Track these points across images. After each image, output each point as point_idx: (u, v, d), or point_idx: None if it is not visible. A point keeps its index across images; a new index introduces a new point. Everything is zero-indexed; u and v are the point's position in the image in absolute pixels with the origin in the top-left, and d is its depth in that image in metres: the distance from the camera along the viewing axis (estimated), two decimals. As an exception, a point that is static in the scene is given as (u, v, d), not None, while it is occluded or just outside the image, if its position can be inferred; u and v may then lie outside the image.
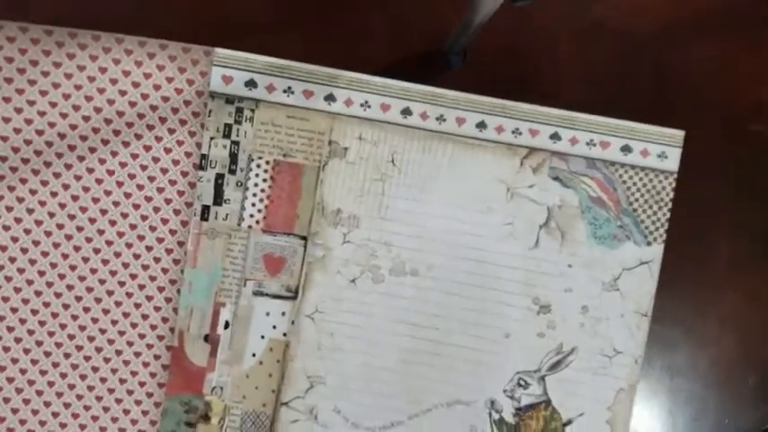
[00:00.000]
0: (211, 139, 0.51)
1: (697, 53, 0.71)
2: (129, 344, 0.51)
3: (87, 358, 0.51)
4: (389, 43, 0.64)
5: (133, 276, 0.51)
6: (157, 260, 0.51)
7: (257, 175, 0.51)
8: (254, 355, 0.52)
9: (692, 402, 0.76)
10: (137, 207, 0.51)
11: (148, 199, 0.51)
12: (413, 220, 0.52)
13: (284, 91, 0.51)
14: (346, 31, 0.64)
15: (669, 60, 0.71)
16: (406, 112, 0.52)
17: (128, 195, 0.51)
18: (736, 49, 0.72)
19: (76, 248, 0.51)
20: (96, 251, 0.51)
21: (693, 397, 0.76)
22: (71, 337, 0.51)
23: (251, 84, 0.51)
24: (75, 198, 0.50)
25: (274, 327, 0.52)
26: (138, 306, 0.51)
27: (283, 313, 0.52)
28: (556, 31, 0.68)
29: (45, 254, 0.51)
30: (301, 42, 0.62)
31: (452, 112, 0.52)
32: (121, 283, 0.51)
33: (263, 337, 0.52)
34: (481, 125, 0.52)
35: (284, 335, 0.52)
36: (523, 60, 0.67)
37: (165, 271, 0.51)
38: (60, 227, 0.50)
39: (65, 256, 0.51)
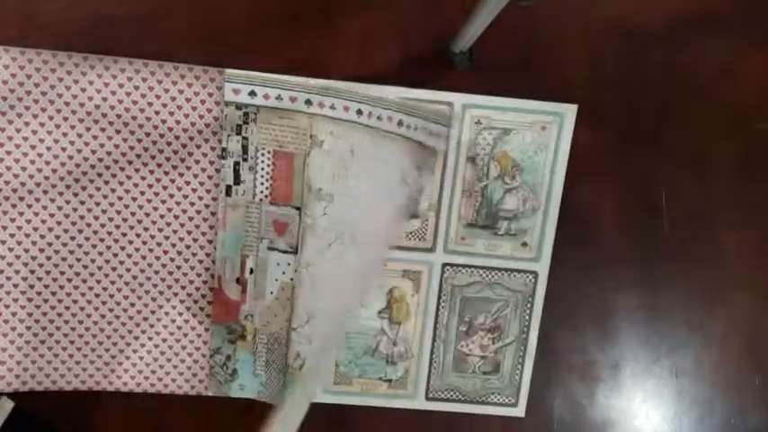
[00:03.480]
0: (228, 135, 0.69)
1: (704, 52, 0.70)
2: (183, 287, 0.72)
3: (154, 299, 0.72)
4: (395, 44, 0.68)
5: (181, 239, 0.71)
6: (197, 227, 0.71)
7: (263, 162, 0.69)
8: (271, 293, 0.71)
9: (698, 403, 0.77)
10: (179, 189, 0.70)
11: (187, 183, 0.70)
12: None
13: (276, 98, 0.68)
14: (351, 32, 0.67)
15: (676, 59, 0.70)
16: (359, 112, 0.68)
17: (172, 181, 0.70)
18: (744, 49, 0.71)
19: (145, 228, 0.70)
20: (153, 222, 0.70)
21: (700, 397, 0.77)
22: (141, 285, 0.72)
23: (252, 94, 0.67)
24: (142, 193, 0.70)
25: (283, 273, 0.71)
26: (187, 260, 0.71)
27: (288, 264, 0.71)
28: (562, 30, 0.69)
29: (128, 231, 0.71)
30: (305, 43, 0.67)
31: (386, 113, 0.68)
32: (173, 245, 0.71)
33: (276, 280, 0.71)
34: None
35: (291, 279, 0.71)
36: (530, 60, 0.69)
37: (204, 234, 0.71)
38: (133, 214, 0.70)
39: (134, 231, 0.71)
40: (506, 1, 0.49)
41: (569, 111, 0.69)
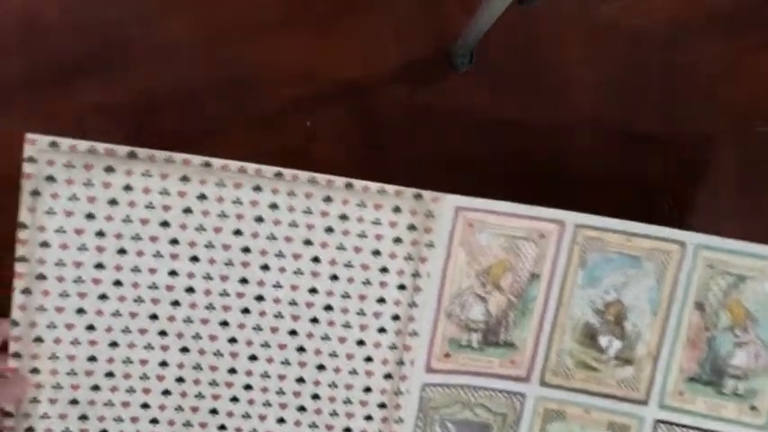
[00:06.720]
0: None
1: (706, 54, 0.71)
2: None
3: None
4: (396, 45, 0.66)
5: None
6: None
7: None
8: None
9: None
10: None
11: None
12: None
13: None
14: (352, 33, 0.66)
15: (678, 61, 0.71)
16: None
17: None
18: (745, 51, 0.71)
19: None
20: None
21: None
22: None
23: None
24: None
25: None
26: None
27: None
28: (564, 32, 0.69)
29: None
30: (307, 43, 0.65)
31: None
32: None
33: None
34: None
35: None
36: (531, 62, 0.68)
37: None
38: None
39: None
40: (508, 3, 0.49)
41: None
